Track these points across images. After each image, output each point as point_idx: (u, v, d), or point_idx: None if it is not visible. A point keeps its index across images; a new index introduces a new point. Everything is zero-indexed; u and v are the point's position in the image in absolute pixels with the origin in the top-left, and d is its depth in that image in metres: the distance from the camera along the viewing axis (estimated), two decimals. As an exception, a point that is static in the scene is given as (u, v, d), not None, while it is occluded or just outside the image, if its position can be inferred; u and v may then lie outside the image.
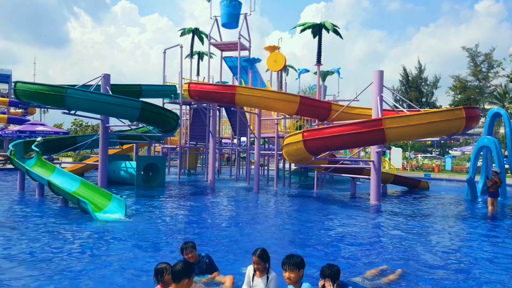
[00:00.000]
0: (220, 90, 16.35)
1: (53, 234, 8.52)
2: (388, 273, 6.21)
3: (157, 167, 18.99)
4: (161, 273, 4.64)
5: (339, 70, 25.55)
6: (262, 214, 12.01)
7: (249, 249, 7.51)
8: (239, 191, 18.16)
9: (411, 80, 60.99)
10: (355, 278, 5.71)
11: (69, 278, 5.68)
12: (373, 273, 6.16)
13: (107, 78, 17.40)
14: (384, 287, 5.58)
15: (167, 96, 22.81)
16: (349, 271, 6.24)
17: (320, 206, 14.04)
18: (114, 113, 15.69)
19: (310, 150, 13.71)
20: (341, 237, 8.93)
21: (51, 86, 15.36)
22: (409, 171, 34.88)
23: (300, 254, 7.09)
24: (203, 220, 10.72)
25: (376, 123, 12.60)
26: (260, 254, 4.72)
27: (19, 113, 49.09)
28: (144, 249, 7.39)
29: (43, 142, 18.76)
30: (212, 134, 19.03)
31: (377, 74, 14.97)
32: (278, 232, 9.37)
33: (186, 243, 5.53)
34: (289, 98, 16.33)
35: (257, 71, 27.02)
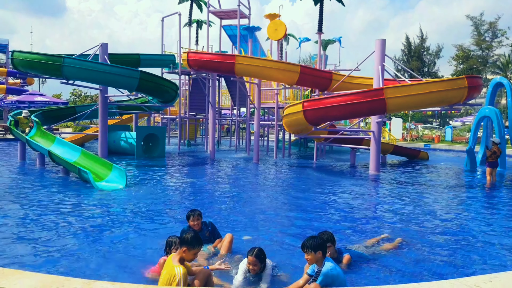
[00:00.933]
0: (219, 59, 16.12)
1: (55, 203, 8.61)
2: (388, 241, 6.33)
3: (157, 138, 19.01)
4: (170, 246, 4.74)
5: (341, 39, 25.11)
6: (262, 184, 12.12)
7: (249, 218, 7.64)
8: (239, 161, 18.25)
9: (413, 49, 60.08)
10: (352, 246, 5.81)
11: (71, 248, 5.75)
12: (373, 241, 6.26)
13: (105, 47, 17.10)
14: (382, 255, 5.68)
15: (165, 66, 22.54)
16: (348, 241, 6.35)
17: (319, 176, 14.14)
18: (112, 83, 15.52)
19: (310, 121, 13.67)
20: (340, 207, 9.04)
21: (49, 56, 15.14)
22: (409, 142, 34.93)
23: (299, 225, 7.27)
24: (203, 190, 10.82)
25: (377, 93, 12.50)
26: (257, 254, 4.48)
27: (18, 83, 48.65)
28: (145, 218, 7.49)
29: (42, 112, 18.69)
30: (211, 104, 18.91)
31: (379, 43, 14.71)
32: (277, 202, 9.48)
33: (193, 211, 5.62)
34: (289, 68, 16.13)
35: (257, 40, 26.57)
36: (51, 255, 5.40)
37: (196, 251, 4.12)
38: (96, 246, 5.82)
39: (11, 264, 4.95)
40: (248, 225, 7.21)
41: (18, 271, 4.06)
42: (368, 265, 5.25)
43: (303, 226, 7.19)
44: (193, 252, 4.08)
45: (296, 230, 6.93)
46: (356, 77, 18.34)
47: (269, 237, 6.31)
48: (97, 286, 3.55)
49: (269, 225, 7.23)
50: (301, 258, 5.25)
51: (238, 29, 20.92)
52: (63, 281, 3.69)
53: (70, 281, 3.72)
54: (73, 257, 5.33)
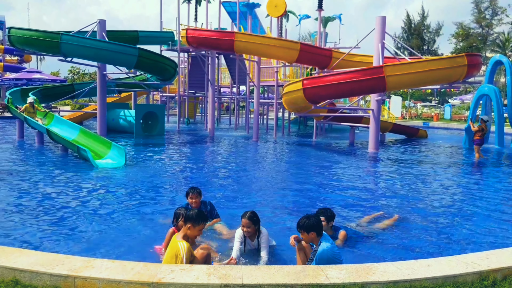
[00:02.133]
0: (218, 36, 15.95)
1: (53, 182, 8.65)
2: (385, 218, 6.43)
3: (156, 116, 18.98)
4: (177, 218, 4.80)
5: (341, 16, 24.76)
6: (261, 163, 12.19)
7: (248, 197, 7.73)
8: (239, 139, 18.29)
9: (414, 27, 59.30)
10: (349, 223, 5.91)
11: (70, 227, 5.80)
12: (368, 219, 6.37)
13: (102, 24, 16.87)
14: (379, 232, 5.78)
15: (164, 43, 22.28)
16: (345, 218, 6.45)
17: (318, 155, 14.22)
18: (110, 60, 15.40)
19: (309, 99, 13.64)
20: (338, 185, 9.13)
21: (46, 32, 14.95)
22: (408, 120, 34.94)
23: (297, 202, 7.37)
24: (202, 169, 10.90)
25: (376, 71, 12.44)
26: (250, 216, 4.62)
27: (15, 60, 48.06)
28: (145, 196, 7.58)
29: (40, 90, 18.59)
30: (211, 82, 18.81)
31: (380, 20, 14.53)
32: (276, 180, 9.57)
33: (193, 188, 5.66)
34: (289, 45, 15.98)
35: (256, 17, 26.20)
36: (50, 235, 5.41)
37: (201, 227, 4.19)
38: (96, 225, 5.85)
39: (10, 243, 4.95)
40: (247, 204, 7.30)
41: (18, 249, 4.13)
42: (364, 242, 5.36)
43: (301, 204, 7.30)
44: (198, 228, 4.15)
45: (294, 208, 7.03)
46: (356, 55, 18.21)
47: (267, 217, 6.42)
48: (97, 263, 3.61)
49: (268, 204, 7.33)
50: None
51: (238, 6, 20.58)
52: (63, 259, 3.73)
53: (70, 259, 3.76)
54: (73, 236, 5.38)
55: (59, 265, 3.56)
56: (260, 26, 25.98)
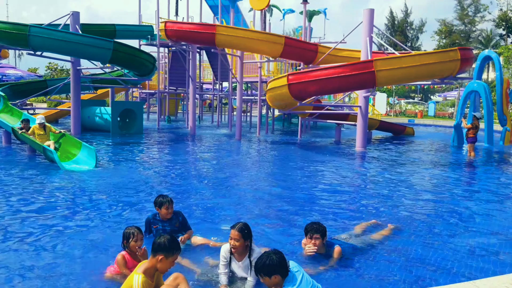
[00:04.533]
0: (199, 29, 15.12)
1: (14, 185, 7.80)
2: (379, 227, 5.80)
3: (134, 113, 18.05)
4: (127, 239, 4.06)
5: (326, 10, 24.17)
6: (243, 164, 11.46)
7: (228, 204, 6.98)
8: (221, 138, 17.52)
9: (397, 24, 59.32)
10: (341, 235, 5.23)
11: (20, 238, 5.05)
12: (362, 227, 5.72)
13: (76, 16, 15.89)
14: (375, 245, 5.12)
15: (143, 37, 21.32)
16: (335, 227, 5.78)
17: (303, 154, 13.58)
18: (83, 54, 14.44)
19: (295, 95, 12.97)
20: (325, 188, 8.46)
21: (14, 24, 13.96)
22: (393, 117, 34.72)
23: (281, 210, 6.64)
24: (180, 170, 10.10)
25: (366, 65, 11.83)
26: (241, 228, 3.86)
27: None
28: (115, 203, 6.77)
29: (10, 86, 17.45)
30: (191, 78, 17.97)
31: (367, 12, 13.95)
32: (258, 183, 8.85)
33: (163, 197, 4.85)
34: (273, 39, 15.26)
35: (239, 11, 25.41)
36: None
37: (174, 258, 3.46)
38: (50, 238, 5.05)
39: None
40: (227, 211, 6.57)
41: None
42: (361, 258, 4.68)
43: (285, 212, 6.58)
44: (171, 259, 3.42)
45: (278, 216, 6.32)
46: (343, 50, 17.63)
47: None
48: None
49: (249, 211, 6.61)
50: (284, 247, 4.71)
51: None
52: None
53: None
54: (19, 251, 4.60)
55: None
56: (243, 20, 25.20)
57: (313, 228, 4.53)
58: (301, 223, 5.70)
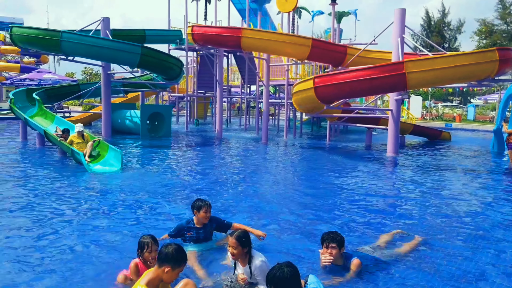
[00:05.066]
0: (225, 33, 15.05)
1: (41, 186, 7.94)
2: (404, 237, 5.42)
3: (162, 117, 18.24)
4: (142, 248, 3.95)
5: (356, 11, 23.59)
6: (268, 168, 11.22)
7: (250, 208, 6.78)
8: (247, 141, 17.38)
9: (434, 24, 57.27)
10: (364, 247, 4.89)
11: (51, 232, 5.15)
12: (386, 239, 5.35)
13: (106, 22, 16.25)
14: (399, 259, 4.74)
15: (172, 42, 21.58)
16: (360, 238, 5.46)
17: (331, 159, 13.19)
18: (113, 59, 14.73)
19: (321, 98, 12.61)
20: (351, 195, 8.09)
21: (47, 30, 14.43)
22: (429, 121, 33.46)
23: (303, 216, 6.38)
24: (204, 174, 10.00)
25: (396, 67, 11.32)
26: (239, 236, 3.86)
27: (33, 62, 48.42)
28: (136, 206, 6.72)
29: (45, 90, 18.06)
30: (218, 82, 17.96)
31: (398, 12, 13.42)
32: (282, 188, 8.60)
33: (202, 200, 4.78)
34: (300, 41, 14.96)
35: (267, 14, 25.30)
36: (19, 245, 4.84)
37: (181, 270, 3.30)
38: (69, 236, 5.13)
39: None
40: (249, 215, 6.36)
41: None
42: (383, 272, 4.35)
43: (307, 218, 6.32)
44: (177, 271, 3.26)
45: (299, 223, 6.06)
46: (373, 51, 17.06)
47: (270, 232, 5.48)
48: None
49: (272, 216, 6.38)
50: (304, 254, 4.47)
51: (247, 2, 19.70)
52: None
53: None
54: (31, 255, 4.59)
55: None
56: (271, 23, 25.03)
57: (330, 237, 4.28)
58: (323, 230, 5.41)
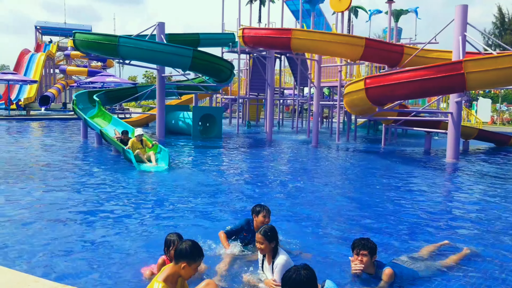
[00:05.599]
0: (274, 34, 14.95)
1: (90, 182, 8.42)
2: (451, 249, 4.94)
3: (213, 118, 18.55)
4: (168, 246, 3.98)
5: (417, 9, 22.37)
6: (314, 172, 10.91)
7: (291, 214, 6.57)
8: (296, 144, 17.11)
9: (508, 21, 52.87)
10: (400, 257, 4.51)
11: (87, 233, 5.32)
12: (430, 250, 4.92)
13: (161, 26, 16.84)
14: (441, 272, 4.33)
15: (225, 45, 21.94)
16: (402, 247, 5.07)
17: (384, 164, 12.56)
18: (166, 62, 15.24)
19: (373, 100, 12.06)
20: (401, 202, 7.58)
21: (106, 36, 15.24)
22: (499, 126, 30.91)
23: (348, 221, 6.08)
24: (248, 175, 9.95)
25: (454, 67, 10.50)
26: (265, 231, 3.91)
27: (99, 66, 51.85)
28: (177, 204, 6.83)
29: (105, 92, 19.14)
30: (269, 84, 17.90)
31: (460, 9, 12.49)
32: (326, 193, 8.28)
33: (261, 206, 4.73)
34: (352, 41, 14.45)
35: (322, 14, 24.84)
36: (69, 237, 5.12)
37: (198, 265, 3.28)
38: (108, 226, 5.48)
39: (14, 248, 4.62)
40: (289, 218, 6.16)
41: None
42: (419, 286, 3.98)
43: (351, 222, 6.03)
44: (194, 266, 3.24)
45: (343, 227, 5.79)
46: (433, 51, 16.04)
47: (309, 241, 5.24)
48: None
49: (311, 219, 6.16)
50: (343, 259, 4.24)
51: (301, 3, 19.46)
52: (30, 282, 3.50)
53: (37, 283, 3.50)
54: (74, 247, 4.81)
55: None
56: (326, 23, 24.52)
57: (361, 243, 4.06)
58: (365, 236, 5.10)
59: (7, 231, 5.25)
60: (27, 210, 6.20)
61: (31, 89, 35.54)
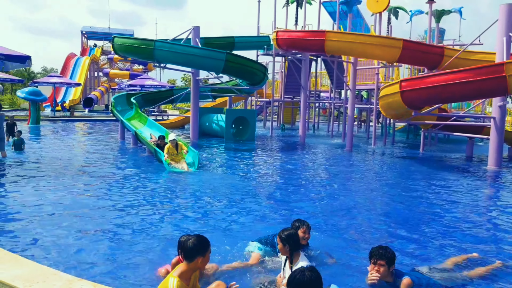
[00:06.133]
0: (308, 36, 14.80)
1: (129, 178, 8.90)
2: (480, 262, 4.63)
3: (246, 121, 18.60)
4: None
5: (461, 9, 21.38)
6: (345, 178, 10.64)
7: (320, 218, 6.44)
8: (330, 148, 16.81)
9: None
10: (423, 267, 4.28)
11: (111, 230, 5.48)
12: (455, 261, 4.64)
13: (196, 30, 17.13)
14: (465, 283, 4.06)
15: (260, 48, 21.93)
16: (428, 257, 4.84)
17: (419, 170, 12.06)
18: (199, 65, 15.46)
19: (408, 103, 11.62)
20: (433, 210, 7.23)
21: (142, 40, 15.68)
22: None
23: (381, 231, 5.86)
24: (275, 179, 9.89)
25: (495, 69, 9.90)
26: (280, 235, 3.98)
27: (141, 69, 53.65)
28: (203, 206, 6.89)
29: (142, 95, 19.71)
30: (302, 87, 17.72)
31: (505, 8, 11.80)
32: (353, 200, 8.05)
33: (301, 221, 4.62)
34: (388, 43, 14.02)
35: (360, 16, 24.34)
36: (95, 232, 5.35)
37: (209, 252, 3.48)
38: (133, 224, 5.67)
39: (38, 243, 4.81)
40: (318, 226, 6.03)
41: (15, 257, 4.04)
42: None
43: (380, 231, 5.85)
44: (208, 254, 3.48)
45: (370, 235, 5.62)
46: (476, 53, 15.27)
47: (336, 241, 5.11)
48: (77, 285, 3.45)
49: (339, 227, 6.00)
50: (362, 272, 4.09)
51: (338, 4, 19.15)
52: (49, 275, 3.63)
53: (56, 275, 3.64)
54: (96, 242, 5.00)
55: (39, 282, 3.45)
56: (365, 24, 23.98)
57: (379, 253, 3.89)
58: (392, 244, 4.88)
59: (39, 224, 5.51)
60: (53, 206, 6.47)
61: (76, 92, 37.31)
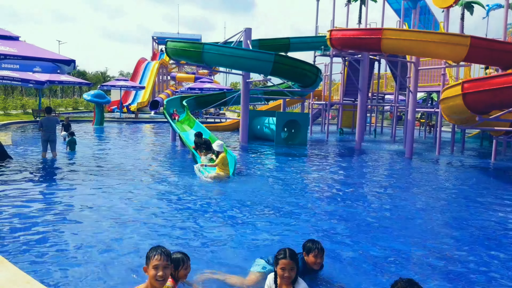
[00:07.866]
0: (363, 35, 13.72)
1: (164, 179, 9.09)
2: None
3: (298, 124, 17.91)
4: (177, 266, 3.60)
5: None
6: (400, 189, 9.47)
7: (359, 234, 5.75)
8: (388, 155, 15.53)
9: None
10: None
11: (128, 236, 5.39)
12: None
13: (248, 32, 16.87)
14: None
15: (317, 48, 21.09)
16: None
17: (486, 181, 10.58)
18: (247, 67, 15.14)
19: (472, 107, 10.20)
20: (499, 234, 6.13)
21: (192, 43, 15.76)
22: None
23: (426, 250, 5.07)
24: (319, 188, 9.12)
25: None
26: (292, 254, 3.53)
27: (206, 73, 55.08)
28: (235, 217, 6.47)
29: (195, 97, 19.91)
30: (360, 89, 16.63)
31: None
32: (401, 216, 7.10)
33: (313, 242, 4.08)
34: (454, 40, 12.47)
35: (429, 12, 22.43)
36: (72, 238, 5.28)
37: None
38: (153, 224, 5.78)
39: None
40: (356, 243, 5.34)
41: (2, 260, 3.95)
42: None
43: (428, 255, 5.04)
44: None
45: (417, 261, 4.80)
46: None
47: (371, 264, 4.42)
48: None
49: (379, 247, 5.27)
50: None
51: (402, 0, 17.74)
52: (23, 284, 3.49)
53: (29, 284, 3.51)
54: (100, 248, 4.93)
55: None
56: (435, 21, 22.03)
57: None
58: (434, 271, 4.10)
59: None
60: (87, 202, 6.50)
61: (145, 95, 39.19)
